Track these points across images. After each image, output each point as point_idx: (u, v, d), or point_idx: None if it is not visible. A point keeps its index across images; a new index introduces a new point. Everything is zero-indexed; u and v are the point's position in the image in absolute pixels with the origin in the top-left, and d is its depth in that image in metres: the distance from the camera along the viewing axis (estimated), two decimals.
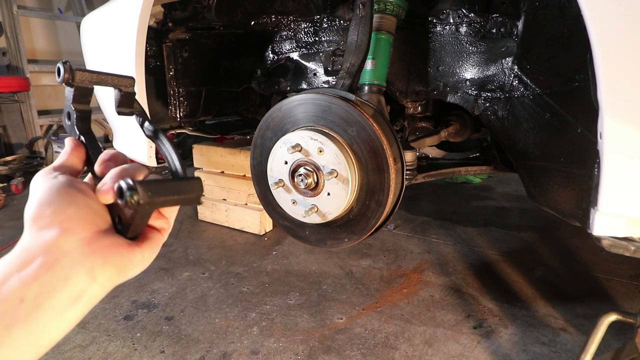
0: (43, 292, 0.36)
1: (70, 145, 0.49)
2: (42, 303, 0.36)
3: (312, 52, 1.46)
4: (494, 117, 1.14)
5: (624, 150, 0.69)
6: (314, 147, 0.93)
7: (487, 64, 1.16)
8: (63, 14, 4.11)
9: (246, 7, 1.47)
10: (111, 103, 1.72)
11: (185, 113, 1.65)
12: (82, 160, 0.49)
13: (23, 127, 3.68)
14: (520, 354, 1.31)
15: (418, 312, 1.53)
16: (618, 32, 0.65)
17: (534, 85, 0.99)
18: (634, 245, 0.78)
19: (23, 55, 3.54)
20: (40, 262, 0.37)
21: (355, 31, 1.01)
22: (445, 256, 1.98)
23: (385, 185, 0.91)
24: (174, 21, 1.51)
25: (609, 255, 1.91)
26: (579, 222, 0.84)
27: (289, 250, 2.05)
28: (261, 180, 1.08)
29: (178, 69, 1.58)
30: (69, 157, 0.48)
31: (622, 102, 0.67)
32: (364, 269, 1.86)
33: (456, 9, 1.19)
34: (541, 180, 1.00)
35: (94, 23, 1.65)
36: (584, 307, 1.55)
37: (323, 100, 0.94)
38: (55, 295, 0.36)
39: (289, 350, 1.34)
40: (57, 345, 1.36)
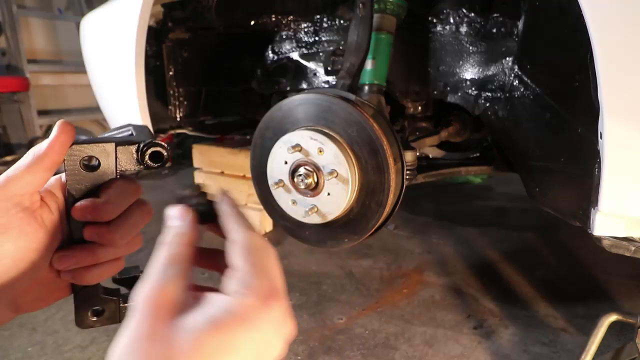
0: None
1: (57, 131, 0.41)
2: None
3: (312, 52, 1.46)
4: (495, 117, 1.13)
5: (624, 150, 0.69)
6: (314, 147, 0.93)
7: (487, 64, 1.16)
8: (63, 14, 4.11)
9: (246, 7, 1.47)
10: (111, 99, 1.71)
11: (185, 113, 1.64)
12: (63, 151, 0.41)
13: (22, 127, 3.68)
14: (520, 354, 1.31)
15: (418, 313, 1.53)
16: (618, 31, 0.65)
17: (534, 85, 0.99)
18: (634, 245, 0.78)
19: (23, 55, 3.54)
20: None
21: (355, 31, 1.01)
22: (445, 256, 1.97)
23: (385, 186, 0.91)
24: (173, 21, 1.51)
25: (609, 256, 1.91)
26: (579, 222, 0.84)
27: (289, 250, 2.04)
28: (261, 180, 1.08)
29: (178, 69, 1.58)
30: (51, 148, 0.40)
31: (622, 101, 0.67)
32: (364, 269, 1.86)
33: (456, 9, 1.19)
34: (541, 180, 1.00)
35: (94, 23, 1.65)
36: (584, 308, 1.54)
37: (323, 100, 0.94)
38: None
39: (289, 351, 1.33)
40: (56, 345, 1.36)
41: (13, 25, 3.49)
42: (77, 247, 0.43)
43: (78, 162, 0.42)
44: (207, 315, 0.30)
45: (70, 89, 4.18)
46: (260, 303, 0.31)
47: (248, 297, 0.31)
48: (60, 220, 0.43)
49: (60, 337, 1.40)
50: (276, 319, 0.31)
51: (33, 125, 3.65)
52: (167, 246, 0.34)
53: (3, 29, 3.49)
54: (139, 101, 1.36)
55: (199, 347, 0.28)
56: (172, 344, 0.28)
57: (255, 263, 0.33)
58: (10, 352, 1.33)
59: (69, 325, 1.45)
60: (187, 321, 0.29)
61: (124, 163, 0.44)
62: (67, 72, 4.06)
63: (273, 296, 0.32)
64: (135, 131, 0.48)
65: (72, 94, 4.20)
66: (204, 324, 0.29)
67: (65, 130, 0.40)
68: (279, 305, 0.32)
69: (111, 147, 0.43)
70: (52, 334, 1.41)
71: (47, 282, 0.43)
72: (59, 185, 0.44)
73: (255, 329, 0.30)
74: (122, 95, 1.47)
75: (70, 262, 0.42)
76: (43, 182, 0.40)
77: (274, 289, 0.32)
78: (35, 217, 0.40)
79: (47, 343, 1.37)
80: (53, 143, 0.40)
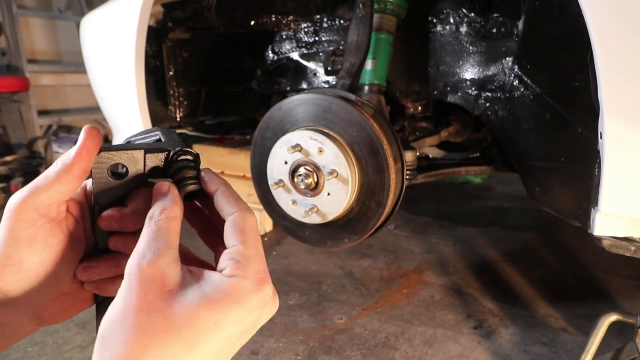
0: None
1: (84, 137, 0.38)
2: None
3: (312, 52, 1.46)
4: (494, 117, 1.13)
5: (624, 150, 0.69)
6: (314, 147, 0.93)
7: (487, 64, 1.16)
8: (63, 14, 4.11)
9: (246, 7, 1.47)
10: (111, 99, 1.71)
11: (185, 113, 1.64)
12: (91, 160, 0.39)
13: (22, 127, 3.67)
14: (520, 354, 1.31)
15: (418, 313, 1.53)
16: (619, 31, 0.65)
17: (534, 85, 0.99)
18: (634, 246, 0.78)
19: (22, 55, 3.54)
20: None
21: (356, 31, 1.01)
22: (445, 256, 1.97)
23: (385, 186, 0.91)
24: (173, 21, 1.51)
25: (609, 256, 1.91)
26: (579, 222, 0.84)
27: (288, 250, 2.04)
28: (261, 180, 1.08)
29: (178, 69, 1.57)
30: (79, 155, 0.37)
31: (622, 102, 0.67)
32: (364, 269, 1.86)
33: (456, 9, 1.19)
34: (541, 180, 1.00)
35: (94, 23, 1.65)
36: (584, 308, 1.54)
37: (323, 100, 0.94)
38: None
39: (289, 351, 1.33)
40: (56, 345, 1.36)
41: (13, 25, 3.48)
42: (102, 257, 0.42)
43: (106, 169, 0.40)
44: (204, 293, 0.32)
45: (70, 89, 4.18)
46: (254, 286, 0.33)
47: (243, 279, 0.33)
48: (84, 230, 0.42)
49: (60, 337, 1.40)
50: (264, 300, 0.34)
51: (33, 125, 3.65)
52: (153, 221, 0.36)
53: (3, 29, 3.49)
54: (139, 101, 1.36)
55: (193, 322, 0.30)
56: (167, 317, 0.30)
57: (251, 245, 0.35)
58: (10, 352, 1.33)
59: (69, 325, 1.45)
60: (184, 296, 0.32)
61: (153, 171, 0.42)
62: (67, 72, 4.06)
63: (264, 280, 0.35)
64: (164, 136, 0.45)
65: (72, 94, 4.20)
66: (200, 300, 0.31)
67: (92, 135, 0.38)
68: (268, 287, 0.35)
69: (140, 155, 0.40)
70: (52, 334, 1.41)
71: (70, 293, 0.42)
72: (83, 193, 0.43)
73: (246, 309, 0.33)
74: (122, 95, 1.47)
75: (94, 273, 0.41)
76: (72, 191, 0.39)
77: (265, 272, 0.35)
78: (60, 227, 0.39)
79: (47, 343, 1.37)
80: (80, 150, 0.37)
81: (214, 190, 0.40)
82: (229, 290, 0.32)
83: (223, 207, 0.38)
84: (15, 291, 0.37)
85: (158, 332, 0.30)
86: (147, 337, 0.29)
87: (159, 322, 0.30)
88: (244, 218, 0.37)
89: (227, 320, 0.32)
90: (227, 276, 0.33)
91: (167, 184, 0.40)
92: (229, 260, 0.34)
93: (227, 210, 0.38)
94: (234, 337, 0.33)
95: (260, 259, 0.35)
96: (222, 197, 0.39)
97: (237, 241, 0.35)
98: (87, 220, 0.42)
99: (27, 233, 0.37)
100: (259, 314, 0.34)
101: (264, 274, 0.35)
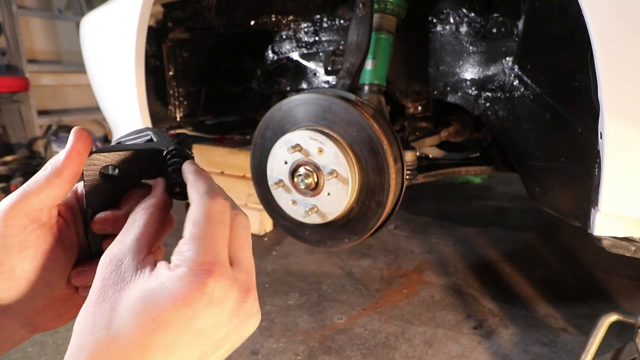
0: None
1: (73, 139, 0.37)
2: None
3: (312, 52, 1.46)
4: (495, 117, 1.13)
5: (624, 150, 0.69)
6: (314, 147, 0.93)
7: (487, 64, 1.16)
8: (62, 14, 4.11)
9: (246, 7, 1.47)
10: (111, 99, 1.71)
11: (185, 113, 1.64)
12: (82, 163, 0.38)
13: (22, 127, 3.67)
14: (520, 354, 1.31)
15: (418, 313, 1.53)
16: (619, 31, 0.65)
17: (534, 85, 0.99)
18: (634, 246, 0.78)
19: (22, 55, 3.54)
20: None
21: (355, 31, 1.01)
22: (445, 256, 1.97)
23: (385, 186, 0.91)
24: (173, 21, 1.51)
25: (609, 256, 1.91)
26: (579, 222, 0.84)
27: (288, 250, 2.04)
28: (261, 180, 1.08)
29: (178, 69, 1.57)
30: (69, 158, 0.37)
31: (622, 102, 0.67)
32: (364, 269, 1.86)
33: (456, 9, 1.19)
34: (541, 180, 1.00)
35: (94, 23, 1.65)
36: (584, 308, 1.54)
37: (323, 100, 0.94)
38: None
39: (288, 351, 1.33)
40: (56, 345, 1.36)
41: (13, 25, 3.48)
42: (96, 261, 0.40)
43: (97, 172, 0.39)
44: (145, 286, 0.30)
45: (70, 89, 4.18)
46: (191, 277, 0.29)
47: (182, 270, 0.30)
48: (77, 234, 0.41)
49: (60, 337, 1.40)
50: (210, 298, 0.30)
51: (33, 125, 3.65)
52: (131, 215, 0.36)
53: (3, 29, 3.49)
54: (139, 101, 1.36)
55: (132, 315, 0.29)
56: (115, 308, 0.29)
57: (197, 234, 0.32)
58: (10, 352, 1.33)
59: (69, 325, 1.44)
60: (132, 287, 0.30)
61: (145, 171, 0.41)
62: (67, 72, 4.06)
63: (208, 272, 0.30)
64: (156, 136, 0.43)
65: (72, 94, 4.20)
66: (140, 293, 0.30)
67: (82, 137, 0.37)
68: (212, 282, 0.30)
69: (132, 156, 0.39)
70: (52, 334, 1.41)
71: (65, 298, 0.41)
72: (74, 196, 0.42)
73: (187, 306, 0.29)
74: (122, 95, 1.47)
75: (89, 278, 0.40)
76: (63, 195, 0.37)
77: (211, 263, 0.30)
78: (52, 233, 0.38)
79: (47, 343, 1.37)
80: (70, 153, 0.36)
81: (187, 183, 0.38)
82: (168, 285, 0.29)
83: (190, 195, 0.36)
84: (6, 299, 0.37)
85: (103, 325, 0.29)
86: (95, 329, 0.29)
87: (107, 314, 0.29)
88: (200, 204, 0.34)
89: (167, 318, 0.29)
90: (169, 269, 0.31)
91: (159, 179, 0.40)
92: (174, 253, 0.32)
93: (191, 198, 0.36)
94: (183, 339, 0.29)
95: (207, 248, 0.31)
96: (189, 186, 0.37)
97: (188, 229, 0.33)
98: (79, 224, 0.41)
99: (18, 239, 0.36)
100: (208, 314, 0.30)
101: (209, 265, 0.30)
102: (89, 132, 0.38)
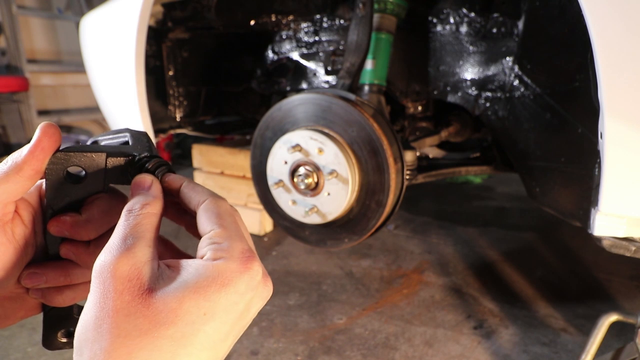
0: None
1: (39, 135, 0.35)
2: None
3: (312, 52, 1.46)
4: (495, 117, 1.13)
5: (624, 150, 0.69)
6: (313, 147, 0.93)
7: (487, 64, 1.16)
8: (62, 14, 4.11)
9: (246, 7, 1.47)
10: (110, 99, 1.71)
11: (185, 113, 1.64)
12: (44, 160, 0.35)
13: (22, 127, 3.67)
14: (520, 354, 1.31)
15: (418, 313, 1.53)
16: (619, 31, 0.65)
17: (534, 85, 0.99)
18: (634, 246, 0.78)
19: (22, 55, 3.54)
20: None
21: (355, 31, 1.01)
22: (445, 256, 1.97)
23: (385, 186, 0.91)
24: (173, 21, 1.51)
25: (610, 256, 1.91)
26: (579, 222, 0.84)
27: (288, 250, 2.04)
28: (261, 180, 1.08)
29: (178, 68, 1.58)
30: (31, 154, 0.34)
31: (622, 102, 0.67)
32: (364, 269, 1.86)
33: (456, 9, 1.19)
34: (542, 180, 1.00)
35: (94, 23, 1.65)
36: (584, 308, 1.54)
37: (323, 100, 0.94)
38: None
39: (288, 351, 1.33)
40: None
41: (13, 25, 3.48)
42: (50, 264, 0.39)
43: (61, 172, 0.36)
44: (186, 282, 0.29)
45: (69, 89, 4.18)
46: (240, 265, 0.31)
47: (227, 261, 0.30)
48: (33, 233, 0.39)
49: None
50: (255, 281, 0.31)
51: (33, 125, 3.65)
52: (132, 215, 0.33)
53: (3, 29, 3.49)
54: (139, 101, 1.36)
55: (178, 315, 0.28)
56: (148, 316, 0.27)
57: (229, 226, 0.33)
58: (10, 352, 1.33)
59: None
60: (165, 291, 0.29)
61: (114, 176, 0.38)
62: (67, 72, 4.06)
63: (250, 259, 0.32)
64: (133, 139, 0.41)
65: (71, 94, 4.20)
66: (183, 290, 0.29)
67: (49, 133, 0.35)
68: (257, 266, 0.32)
69: (101, 158, 0.37)
70: None
71: (13, 298, 0.39)
72: (37, 193, 0.39)
73: (236, 292, 0.30)
74: (122, 95, 1.47)
75: (40, 280, 0.38)
76: (21, 192, 0.35)
77: (251, 251, 0.32)
78: (5, 230, 0.36)
79: None
80: (34, 149, 0.34)
81: (178, 186, 0.37)
82: (213, 274, 0.29)
83: (191, 198, 0.36)
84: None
85: (141, 334, 0.27)
86: (129, 341, 0.27)
87: (140, 323, 0.27)
88: (216, 203, 0.34)
89: (216, 308, 0.29)
90: (209, 260, 0.30)
91: (150, 177, 0.37)
92: (209, 245, 0.32)
93: (196, 200, 0.35)
94: (227, 325, 0.30)
95: (242, 239, 0.33)
96: (187, 189, 0.36)
97: (214, 224, 0.33)
98: (38, 223, 0.39)
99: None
100: (251, 296, 0.31)
101: (250, 252, 0.32)
102: (57, 127, 0.36)
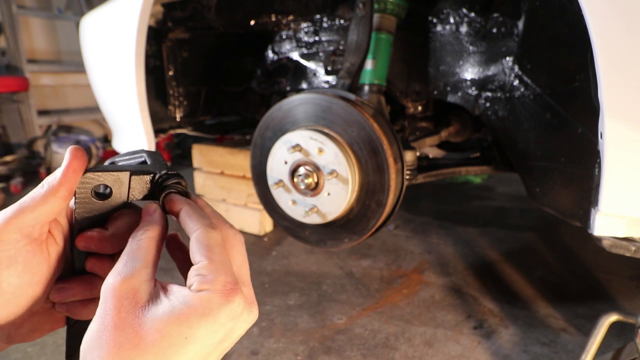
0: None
1: (69, 158, 0.38)
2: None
3: (312, 52, 1.46)
4: (495, 117, 1.13)
5: (624, 151, 0.69)
6: (313, 147, 0.93)
7: (487, 64, 1.16)
8: (62, 14, 4.11)
9: (246, 7, 1.46)
10: (110, 99, 1.71)
11: (185, 113, 1.64)
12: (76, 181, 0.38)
13: (22, 127, 3.67)
14: (520, 354, 1.31)
15: (418, 313, 1.53)
16: (619, 31, 0.65)
17: (534, 85, 0.99)
18: (634, 246, 0.78)
19: (22, 55, 3.54)
20: None
21: (355, 31, 1.01)
22: (445, 256, 1.97)
23: (385, 186, 0.91)
24: (173, 21, 1.51)
25: (610, 256, 1.91)
26: (579, 222, 0.84)
27: (288, 250, 2.04)
28: (261, 180, 1.08)
29: (178, 68, 1.57)
30: (65, 177, 0.37)
31: (623, 102, 0.67)
32: (364, 269, 1.86)
33: (456, 9, 1.19)
34: (542, 180, 1.00)
35: (94, 23, 1.64)
36: (584, 308, 1.54)
37: (323, 100, 0.94)
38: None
39: (288, 351, 1.33)
40: (56, 345, 1.36)
41: (13, 25, 3.48)
42: (77, 279, 0.42)
43: (90, 190, 0.40)
44: (171, 307, 0.33)
45: (69, 89, 4.18)
46: (221, 298, 0.33)
47: (210, 293, 0.33)
48: (64, 250, 0.41)
49: (60, 337, 1.40)
50: (236, 311, 0.34)
51: (33, 125, 3.65)
52: (134, 240, 0.37)
53: (3, 29, 3.49)
54: (139, 101, 1.36)
55: (163, 336, 0.31)
56: (139, 332, 0.31)
57: (215, 259, 0.35)
58: (10, 352, 1.33)
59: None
60: (155, 312, 0.32)
61: (137, 193, 0.42)
62: (67, 72, 4.06)
63: (233, 291, 0.34)
64: (150, 158, 0.44)
65: (71, 94, 4.20)
66: (169, 314, 0.32)
67: (77, 156, 0.38)
68: (238, 298, 0.34)
69: (125, 177, 0.40)
70: (52, 334, 1.41)
71: (42, 312, 0.42)
72: (65, 212, 0.42)
73: (213, 321, 0.33)
74: (122, 95, 1.47)
75: (67, 295, 0.41)
76: (57, 212, 0.38)
77: (234, 283, 0.35)
78: (42, 249, 0.39)
79: (47, 343, 1.37)
80: (66, 171, 0.37)
81: (178, 210, 0.40)
82: (195, 304, 0.33)
83: (187, 225, 0.38)
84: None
85: (131, 347, 0.31)
86: (122, 352, 0.30)
87: (132, 338, 0.31)
88: (207, 234, 0.37)
89: (197, 334, 0.32)
90: (194, 291, 0.33)
91: (155, 204, 0.41)
92: (196, 277, 0.34)
93: (190, 228, 0.38)
94: (209, 348, 0.33)
95: (227, 272, 0.35)
96: (185, 215, 0.39)
97: (202, 256, 0.35)
98: (66, 240, 0.42)
99: (8, 254, 0.36)
100: (232, 325, 0.34)
101: (233, 284, 0.34)
102: (84, 151, 0.39)
